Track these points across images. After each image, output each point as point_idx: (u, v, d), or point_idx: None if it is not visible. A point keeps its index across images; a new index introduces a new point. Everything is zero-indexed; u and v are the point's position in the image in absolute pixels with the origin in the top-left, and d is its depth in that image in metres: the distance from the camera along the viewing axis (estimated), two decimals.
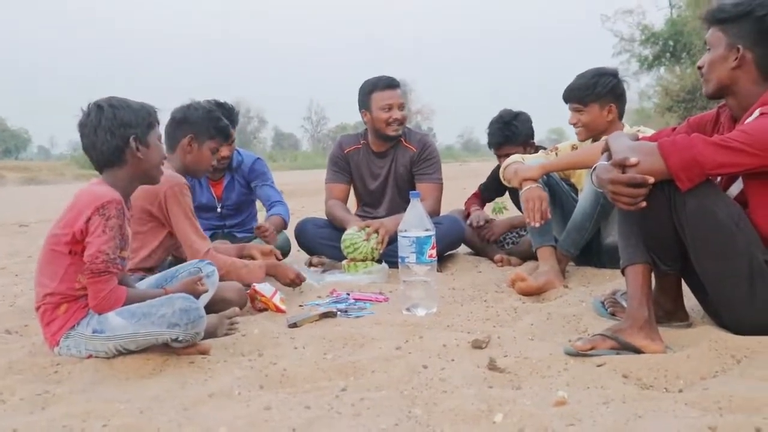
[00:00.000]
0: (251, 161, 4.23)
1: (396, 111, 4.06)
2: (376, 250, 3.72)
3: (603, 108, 3.45)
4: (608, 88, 3.44)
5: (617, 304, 2.61)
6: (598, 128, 3.47)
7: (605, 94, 3.44)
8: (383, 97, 4.07)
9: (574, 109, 3.50)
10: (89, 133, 2.29)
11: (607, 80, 3.45)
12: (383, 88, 4.08)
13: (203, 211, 4.21)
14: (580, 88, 3.47)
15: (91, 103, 2.33)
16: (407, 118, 4.13)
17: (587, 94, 3.44)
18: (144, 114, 2.35)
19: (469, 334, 2.41)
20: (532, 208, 3.20)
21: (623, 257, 2.27)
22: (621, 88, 3.51)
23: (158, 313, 2.17)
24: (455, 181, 11.77)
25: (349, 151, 4.31)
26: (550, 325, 2.54)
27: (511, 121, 4.18)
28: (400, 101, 4.08)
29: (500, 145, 4.18)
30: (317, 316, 2.78)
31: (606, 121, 3.46)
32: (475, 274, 3.72)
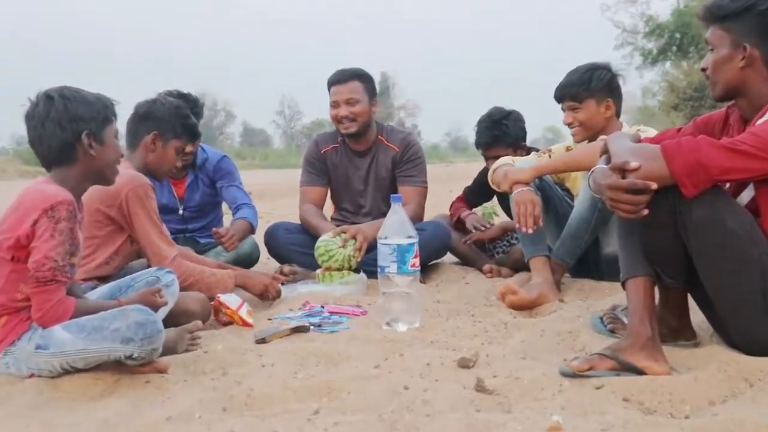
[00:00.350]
0: (217, 159, 4.21)
1: (342, 108, 4.09)
2: (353, 258, 3.71)
3: (600, 104, 3.47)
4: (604, 81, 3.47)
5: (617, 320, 2.61)
6: (596, 126, 3.48)
7: (601, 89, 3.46)
8: (331, 93, 4.15)
9: (569, 108, 3.52)
10: (36, 126, 2.26)
11: (601, 74, 3.48)
12: (330, 83, 4.16)
13: (163, 213, 4.16)
14: (573, 84, 3.49)
15: (40, 92, 2.29)
16: (365, 113, 4.12)
17: (582, 90, 3.46)
18: (99, 107, 2.32)
19: (454, 352, 2.41)
20: (523, 212, 3.20)
21: (623, 269, 2.27)
22: (617, 83, 3.55)
23: (111, 326, 2.13)
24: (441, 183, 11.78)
25: (325, 150, 4.31)
26: (543, 342, 2.54)
27: (501, 120, 4.19)
28: (347, 97, 4.08)
29: (488, 146, 4.19)
30: (288, 331, 2.76)
31: (604, 117, 3.48)
32: (461, 286, 3.72)
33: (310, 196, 4.28)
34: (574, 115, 3.50)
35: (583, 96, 3.46)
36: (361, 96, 4.10)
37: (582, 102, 3.47)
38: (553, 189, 3.64)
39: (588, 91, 3.45)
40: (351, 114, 4.08)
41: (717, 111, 2.50)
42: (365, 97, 4.12)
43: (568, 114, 3.53)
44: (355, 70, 4.18)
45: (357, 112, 4.08)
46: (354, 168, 4.28)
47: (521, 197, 3.24)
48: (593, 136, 3.48)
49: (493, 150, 4.16)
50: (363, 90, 4.13)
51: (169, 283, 2.73)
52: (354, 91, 4.10)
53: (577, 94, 3.47)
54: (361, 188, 4.28)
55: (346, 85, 4.11)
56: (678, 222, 2.12)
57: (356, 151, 4.26)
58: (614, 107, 3.50)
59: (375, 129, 4.26)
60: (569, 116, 3.52)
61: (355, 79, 4.13)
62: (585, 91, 3.46)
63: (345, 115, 4.08)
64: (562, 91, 3.53)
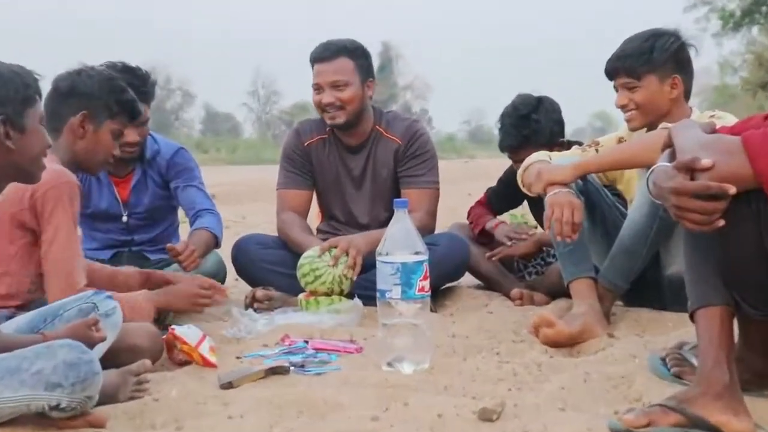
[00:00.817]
0: (171, 152, 4.22)
1: (327, 92, 4.07)
2: (345, 280, 3.72)
3: (664, 81, 3.47)
4: (670, 52, 3.47)
5: (684, 362, 2.60)
6: (659, 110, 3.49)
7: (665, 62, 3.46)
8: (314, 74, 4.14)
9: (624, 86, 3.51)
10: None
11: (666, 42, 3.48)
12: (313, 60, 4.15)
13: (102, 221, 4.20)
14: (630, 55, 3.48)
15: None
16: (356, 99, 4.10)
17: (642, 63, 3.45)
18: (18, 85, 2.31)
19: (474, 400, 2.41)
20: (558, 218, 3.20)
21: (692, 296, 2.27)
22: (686, 54, 3.55)
23: (32, 368, 2.12)
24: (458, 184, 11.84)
25: (310, 143, 4.31)
26: (588, 389, 2.54)
27: (530, 115, 4.19)
28: (333, 79, 4.06)
29: (516, 149, 4.19)
30: (262, 373, 2.77)
31: (668, 99, 3.48)
32: (483, 316, 3.74)
33: (290, 202, 4.29)
34: (629, 96, 3.49)
35: (643, 71, 3.45)
36: (351, 77, 4.08)
37: (641, 78, 3.46)
38: (601, 193, 3.65)
39: (649, 65, 3.45)
40: (338, 101, 4.07)
41: None
42: (356, 78, 4.11)
43: (622, 94, 3.53)
44: (343, 42, 4.15)
45: (345, 98, 4.07)
46: (346, 166, 4.29)
47: (557, 199, 3.23)
48: (653, 124, 3.49)
49: (522, 153, 4.11)
50: (354, 69, 4.11)
51: (110, 312, 2.71)
52: (341, 71, 4.07)
53: (635, 69, 3.46)
54: (354, 192, 4.30)
55: (332, 63, 4.08)
56: (764, 235, 2.11)
57: (348, 145, 4.28)
58: (682, 86, 3.51)
59: (372, 117, 4.27)
60: (624, 96, 3.52)
61: (344, 55, 4.10)
62: (645, 64, 3.45)
63: (330, 102, 4.06)
64: (615, 64, 3.52)
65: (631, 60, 3.47)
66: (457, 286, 4.29)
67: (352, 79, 4.08)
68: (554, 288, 3.95)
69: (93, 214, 4.20)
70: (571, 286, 3.40)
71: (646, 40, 3.49)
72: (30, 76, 2.37)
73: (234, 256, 4.20)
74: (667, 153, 2.26)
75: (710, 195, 2.03)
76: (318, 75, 4.10)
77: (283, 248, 4.14)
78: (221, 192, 13.11)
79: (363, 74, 4.14)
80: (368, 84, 4.18)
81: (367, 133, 4.25)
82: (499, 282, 4.27)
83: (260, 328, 3.46)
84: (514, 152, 4.22)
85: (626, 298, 3.65)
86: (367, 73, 4.18)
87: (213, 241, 4.05)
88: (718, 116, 3.31)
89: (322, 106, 4.11)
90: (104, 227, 4.18)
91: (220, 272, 4.21)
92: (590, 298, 3.32)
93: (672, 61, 3.48)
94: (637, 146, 3.29)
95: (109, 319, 2.68)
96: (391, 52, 76.99)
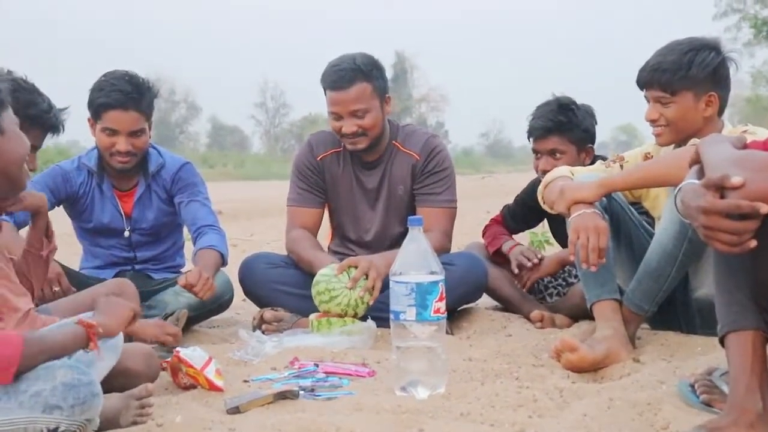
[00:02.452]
0: (176, 167, 4.25)
1: (348, 121, 4.05)
2: (362, 303, 3.73)
3: (699, 98, 3.45)
4: (710, 68, 3.44)
5: (714, 388, 2.59)
6: (690, 127, 3.48)
7: (704, 78, 3.44)
8: (329, 101, 4.11)
9: (657, 99, 3.50)
10: None
11: (707, 57, 3.44)
12: (327, 86, 4.12)
13: (104, 236, 4.22)
14: (668, 69, 3.45)
15: None
16: (377, 124, 4.10)
17: (679, 78, 3.43)
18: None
19: (492, 428, 2.41)
20: (584, 244, 3.19)
21: (723, 319, 2.27)
22: (726, 70, 3.52)
23: (30, 389, 2.12)
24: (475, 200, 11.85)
25: (323, 156, 4.32)
26: (612, 416, 2.53)
27: (570, 106, 4.24)
28: (353, 108, 4.03)
29: (548, 133, 4.21)
30: (270, 398, 2.76)
31: (702, 116, 3.47)
32: (502, 339, 3.74)
33: (301, 219, 4.30)
34: (661, 110, 3.48)
35: (679, 86, 3.43)
36: (370, 102, 4.06)
37: (675, 94, 3.44)
38: (627, 211, 3.64)
39: (686, 80, 3.42)
40: (360, 129, 4.05)
41: None
42: (375, 100, 4.09)
43: (654, 107, 3.51)
44: (357, 65, 4.08)
45: (367, 125, 4.06)
46: (360, 182, 4.31)
47: (582, 222, 3.22)
48: (684, 140, 3.49)
49: (550, 141, 4.18)
50: (372, 92, 4.08)
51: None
52: (360, 99, 4.04)
53: (671, 83, 3.44)
54: (368, 210, 4.31)
55: (349, 91, 4.03)
56: None
57: (364, 160, 4.28)
58: (718, 103, 3.49)
59: (388, 132, 4.27)
60: (655, 110, 3.50)
61: (360, 80, 4.05)
62: (682, 79, 3.42)
63: (352, 131, 4.05)
64: (650, 76, 3.50)
65: (668, 74, 3.44)
66: (475, 308, 4.29)
67: (372, 103, 4.06)
68: (577, 310, 3.96)
69: (95, 229, 4.23)
70: (594, 308, 3.38)
71: (685, 54, 3.44)
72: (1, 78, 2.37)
73: (241, 275, 4.20)
74: (695, 170, 2.26)
75: (741, 214, 2.03)
76: (335, 104, 4.07)
77: (293, 267, 4.14)
78: (228, 209, 13.16)
79: (381, 93, 4.12)
80: (386, 100, 4.17)
81: (384, 148, 4.25)
82: (518, 303, 4.27)
83: (268, 350, 3.46)
84: (542, 138, 4.23)
85: (653, 321, 3.65)
86: (384, 90, 4.17)
87: (221, 261, 4.06)
88: (750, 131, 3.29)
89: (342, 134, 4.09)
90: (106, 243, 4.20)
91: (226, 293, 4.20)
92: (615, 321, 3.31)
93: (711, 78, 3.45)
94: (665, 163, 3.28)
95: (108, 342, 2.67)
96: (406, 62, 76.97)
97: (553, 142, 4.16)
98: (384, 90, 4.17)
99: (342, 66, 4.07)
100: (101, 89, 3.97)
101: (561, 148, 4.14)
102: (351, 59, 4.10)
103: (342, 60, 4.12)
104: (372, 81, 4.09)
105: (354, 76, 4.04)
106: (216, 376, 2.95)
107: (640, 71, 3.54)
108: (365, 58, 4.15)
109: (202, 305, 3.95)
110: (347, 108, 4.04)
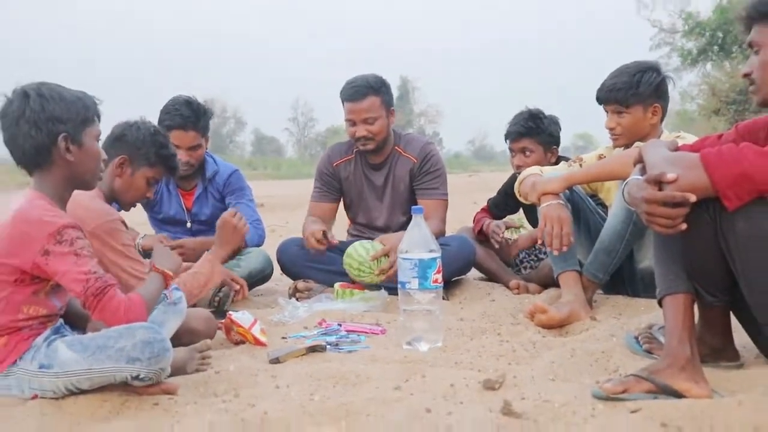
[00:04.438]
0: (227, 173, 4.27)
1: (360, 127, 4.07)
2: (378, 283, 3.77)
3: (647, 109, 3.46)
4: (653, 85, 3.45)
5: (654, 339, 2.60)
6: (640, 133, 3.48)
7: (650, 94, 3.44)
8: (346, 110, 4.12)
9: (614, 111, 3.50)
10: (10, 125, 2.25)
11: (651, 77, 3.45)
12: (344, 99, 4.12)
13: (170, 225, 4.25)
14: (622, 88, 3.45)
15: (17, 88, 2.26)
16: (383, 130, 4.12)
17: (631, 94, 3.43)
18: (79, 107, 2.29)
19: (479, 373, 2.41)
20: (550, 231, 3.20)
21: (660, 285, 2.27)
22: (666, 86, 3.53)
23: (116, 345, 2.15)
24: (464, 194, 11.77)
25: (338, 163, 4.34)
26: (574, 363, 2.53)
27: (539, 115, 4.27)
28: (364, 116, 4.06)
29: (520, 136, 4.24)
30: (303, 351, 2.77)
31: (649, 124, 3.48)
32: (487, 303, 3.73)
33: (315, 211, 4.34)
34: (618, 120, 3.48)
35: (631, 101, 3.44)
36: (378, 112, 4.07)
37: (628, 107, 3.45)
38: (585, 201, 3.63)
39: (636, 96, 3.43)
40: (369, 133, 4.08)
41: (762, 117, 2.47)
42: (383, 111, 4.10)
43: (611, 118, 3.51)
44: (369, 82, 4.11)
45: (375, 130, 4.08)
46: (369, 182, 4.31)
47: (549, 213, 3.23)
48: (633, 142, 3.48)
49: (522, 142, 4.22)
50: (380, 104, 4.09)
51: (177, 301, 2.72)
52: (371, 109, 4.06)
53: (625, 99, 3.44)
54: (376, 203, 4.31)
55: (362, 102, 4.06)
56: (719, 236, 2.11)
57: (372, 163, 4.28)
58: (661, 112, 3.50)
59: (392, 138, 4.27)
60: (613, 121, 3.51)
61: (371, 94, 4.07)
62: (633, 96, 3.43)
63: (363, 135, 4.08)
64: (609, 94, 3.50)
65: (622, 92, 3.44)
66: (465, 279, 4.28)
67: (379, 113, 4.07)
68: (546, 279, 3.95)
69: (163, 219, 4.27)
70: (560, 278, 3.38)
71: (634, 75, 3.45)
72: (90, 100, 2.36)
73: (278, 255, 4.21)
74: (638, 168, 2.26)
75: (675, 203, 2.04)
76: (351, 112, 4.08)
77: None
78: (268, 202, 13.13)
79: (387, 106, 4.12)
80: (391, 112, 4.17)
81: (388, 153, 4.25)
82: (499, 275, 4.27)
83: (301, 313, 3.47)
84: (516, 141, 4.26)
85: (606, 288, 3.63)
86: (389, 104, 4.16)
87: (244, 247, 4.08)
88: (682, 137, 3.29)
89: (356, 137, 4.11)
90: (173, 230, 4.22)
91: (267, 268, 4.22)
92: (576, 288, 3.31)
93: (654, 92, 3.45)
94: (615, 162, 3.28)
95: (176, 306, 2.70)
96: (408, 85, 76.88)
97: (524, 143, 4.20)
98: (390, 103, 4.17)
99: (357, 83, 4.10)
100: (167, 112, 4.03)
101: (531, 147, 4.17)
102: (364, 78, 4.13)
103: (357, 78, 4.14)
104: (380, 95, 4.10)
105: (366, 90, 4.07)
106: (260, 333, 2.97)
107: (599, 90, 3.54)
108: (375, 77, 4.16)
109: (250, 276, 3.98)
110: (360, 116, 4.06)
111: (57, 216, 2.20)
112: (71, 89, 2.34)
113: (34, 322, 2.25)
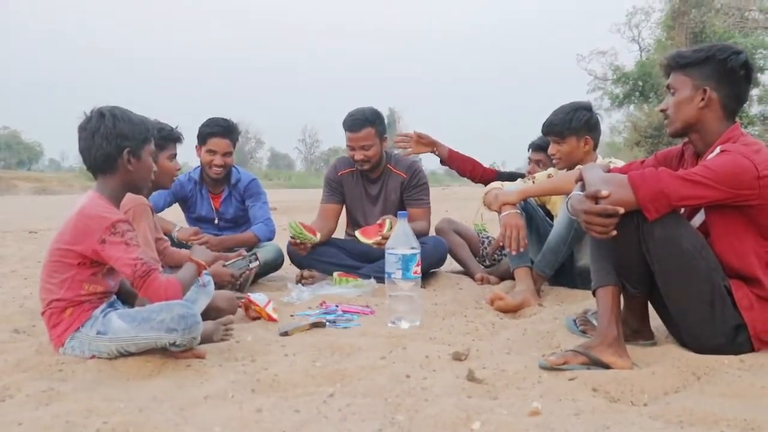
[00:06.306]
0: (248, 181, 4.27)
1: (358, 152, 4.06)
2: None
3: (580, 140, 3.47)
4: (583, 121, 3.46)
5: (588, 322, 2.62)
6: (576, 159, 3.49)
7: (581, 128, 3.46)
8: (347, 138, 4.10)
9: (554, 141, 3.52)
10: (87, 137, 2.28)
11: (582, 114, 3.47)
12: (345, 129, 4.09)
13: (202, 222, 4.25)
14: (558, 123, 3.48)
15: (95, 108, 2.31)
16: (377, 154, 4.10)
17: (565, 128, 3.46)
18: (142, 128, 2.33)
19: (449, 347, 2.41)
20: (509, 235, 3.21)
21: (594, 279, 2.29)
22: (595, 120, 3.53)
23: (157, 318, 2.16)
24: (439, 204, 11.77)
25: (342, 173, 4.32)
26: (525, 340, 2.55)
27: (544, 141, 4.09)
28: (362, 144, 4.04)
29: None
30: (308, 326, 2.77)
31: (582, 151, 3.49)
32: (456, 291, 3.72)
33: (324, 211, 4.32)
34: (558, 148, 3.50)
35: (566, 134, 3.46)
36: (373, 140, 4.05)
37: (564, 138, 3.46)
38: (536, 210, 3.65)
39: (570, 130, 3.44)
40: (365, 157, 4.06)
41: (674, 147, 2.51)
42: (377, 139, 4.07)
43: (553, 146, 3.53)
44: (366, 115, 4.07)
45: (371, 155, 4.07)
46: (366, 192, 4.29)
47: (508, 221, 3.23)
48: (572, 166, 3.49)
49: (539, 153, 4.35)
50: (375, 134, 4.06)
51: (207, 283, 2.74)
52: (367, 138, 4.04)
53: (560, 132, 3.46)
54: (371, 208, 4.29)
55: (360, 133, 4.03)
56: (641, 241, 2.14)
57: (369, 177, 4.27)
58: (592, 142, 3.50)
59: (384, 159, 4.26)
60: (554, 148, 3.52)
61: (367, 126, 4.04)
62: (568, 129, 3.45)
63: (361, 158, 4.06)
64: (548, 128, 3.51)
65: (558, 126, 3.47)
66: (439, 272, 4.26)
67: (374, 141, 4.05)
68: (504, 274, 3.95)
69: (197, 218, 4.26)
70: (515, 272, 3.39)
71: (568, 113, 3.46)
72: (150, 123, 2.39)
73: (288, 249, 4.16)
74: (579, 185, 2.29)
75: (607, 214, 2.07)
76: (351, 140, 4.06)
77: (323, 243, 4.13)
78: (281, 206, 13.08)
79: (380, 135, 4.10)
80: (384, 139, 4.15)
81: (382, 170, 4.24)
82: (468, 265, 4.28)
83: (306, 296, 3.46)
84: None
85: (551, 280, 3.63)
86: (383, 133, 4.13)
87: (253, 240, 4.10)
88: (613, 161, 3.32)
89: (355, 160, 4.10)
90: (204, 226, 4.21)
91: (278, 259, 4.20)
92: (528, 281, 3.32)
93: (586, 127, 3.46)
94: (560, 180, 3.30)
95: (206, 288, 2.72)
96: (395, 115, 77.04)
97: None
98: (383, 132, 4.15)
99: (356, 116, 4.06)
100: (208, 125, 4.07)
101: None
102: (362, 111, 4.09)
103: (356, 111, 4.10)
104: (375, 126, 4.07)
105: (363, 123, 4.04)
106: (273, 311, 2.97)
107: (543, 125, 3.55)
108: (371, 110, 4.12)
109: (265, 264, 3.97)
110: (358, 143, 4.04)
111: (112, 212, 2.21)
112: (136, 113, 2.37)
113: (93, 297, 2.27)
